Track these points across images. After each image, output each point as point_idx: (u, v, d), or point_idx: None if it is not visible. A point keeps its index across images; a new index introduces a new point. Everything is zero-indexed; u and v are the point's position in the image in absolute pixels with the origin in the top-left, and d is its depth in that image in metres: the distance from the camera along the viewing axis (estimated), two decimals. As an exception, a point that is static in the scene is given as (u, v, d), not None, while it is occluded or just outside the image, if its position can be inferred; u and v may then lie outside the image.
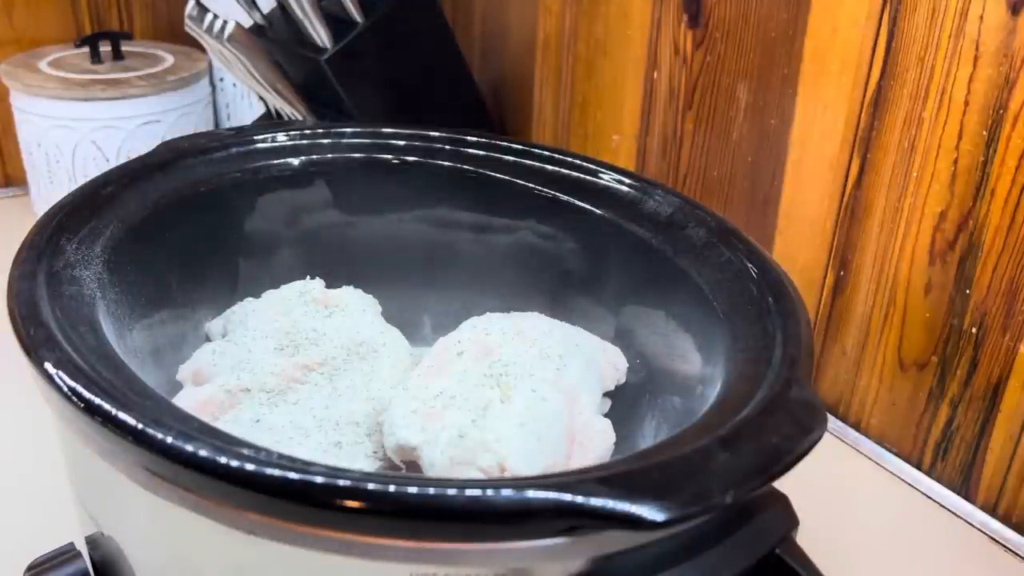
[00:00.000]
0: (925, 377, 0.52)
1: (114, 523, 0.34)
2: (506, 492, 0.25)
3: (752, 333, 0.36)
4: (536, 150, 0.50)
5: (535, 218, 0.49)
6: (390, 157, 0.51)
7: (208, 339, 0.47)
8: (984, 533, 0.49)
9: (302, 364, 0.42)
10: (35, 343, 0.31)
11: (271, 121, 0.70)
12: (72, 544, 0.36)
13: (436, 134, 0.51)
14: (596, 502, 0.25)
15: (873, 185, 0.52)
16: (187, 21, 0.60)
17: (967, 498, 0.51)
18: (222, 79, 0.83)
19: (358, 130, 0.51)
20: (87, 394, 0.28)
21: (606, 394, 0.43)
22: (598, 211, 0.47)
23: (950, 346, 0.50)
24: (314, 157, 0.50)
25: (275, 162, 0.49)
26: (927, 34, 0.47)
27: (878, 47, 0.50)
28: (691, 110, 0.62)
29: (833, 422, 0.57)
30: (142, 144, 0.73)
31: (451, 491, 0.25)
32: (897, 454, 0.54)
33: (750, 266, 0.40)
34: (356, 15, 0.61)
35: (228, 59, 0.60)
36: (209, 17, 0.58)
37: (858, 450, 0.55)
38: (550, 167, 0.49)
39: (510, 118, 0.81)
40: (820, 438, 0.29)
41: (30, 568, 0.35)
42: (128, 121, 0.73)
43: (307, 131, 0.50)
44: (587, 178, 0.48)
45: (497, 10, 0.80)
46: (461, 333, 0.43)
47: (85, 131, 0.73)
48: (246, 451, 0.26)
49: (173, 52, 0.81)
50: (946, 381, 0.50)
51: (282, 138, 0.50)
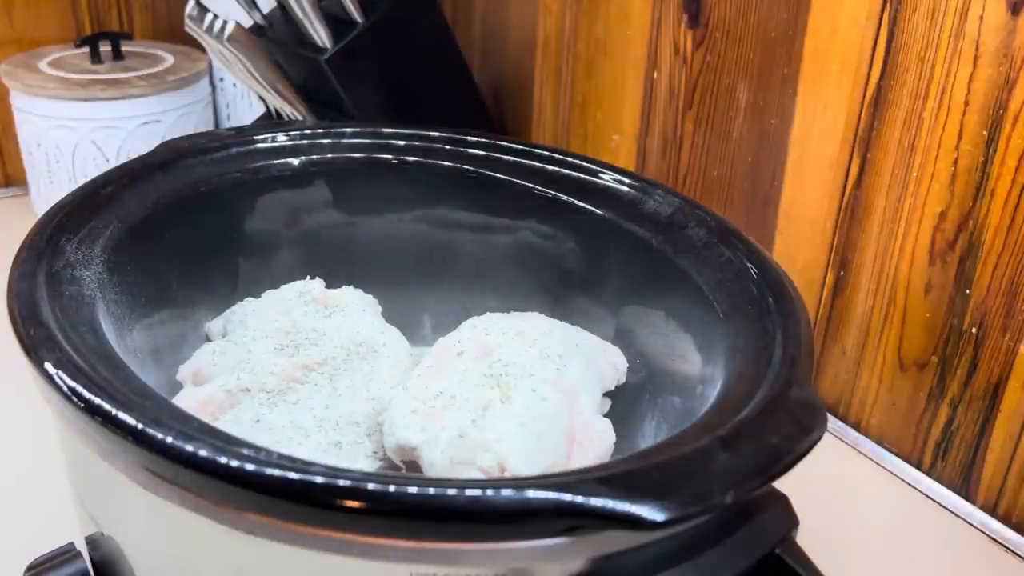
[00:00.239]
0: (925, 377, 0.52)
1: (114, 523, 0.34)
2: (506, 492, 0.25)
3: (752, 333, 0.36)
4: (536, 150, 0.50)
5: (535, 218, 0.49)
6: (390, 157, 0.51)
7: (208, 339, 0.47)
8: (984, 533, 0.49)
9: (302, 364, 0.42)
10: (35, 343, 0.31)
11: (271, 121, 0.70)
12: (72, 544, 0.36)
13: (436, 134, 0.51)
14: (596, 502, 0.25)
15: (873, 185, 0.52)
16: (187, 21, 0.60)
17: (967, 498, 0.51)
18: (222, 79, 0.83)
19: (358, 130, 0.51)
20: (87, 394, 0.28)
21: (606, 394, 0.43)
22: (598, 211, 0.47)
23: (950, 346, 0.50)
24: (314, 157, 0.50)
25: (275, 162, 0.49)
26: (927, 34, 0.47)
27: (878, 47, 0.50)
28: (691, 110, 0.62)
29: (833, 422, 0.57)
30: (142, 144, 0.73)
31: (451, 491, 0.25)
32: (897, 454, 0.54)
33: (750, 266, 0.40)
34: (356, 15, 0.61)
35: (228, 59, 0.60)
36: (209, 17, 0.58)
37: (858, 450, 0.55)
38: (550, 167, 0.49)
39: (510, 118, 0.81)
40: (820, 438, 0.29)
41: (30, 568, 0.35)
42: (128, 121, 0.73)
43: (307, 131, 0.50)
44: (587, 178, 0.48)
45: (497, 10, 0.80)
46: (461, 333, 0.43)
47: (85, 131, 0.73)
48: (246, 451, 0.26)
49: (173, 52, 0.81)
50: (946, 381, 0.50)
51: (282, 138, 0.50)
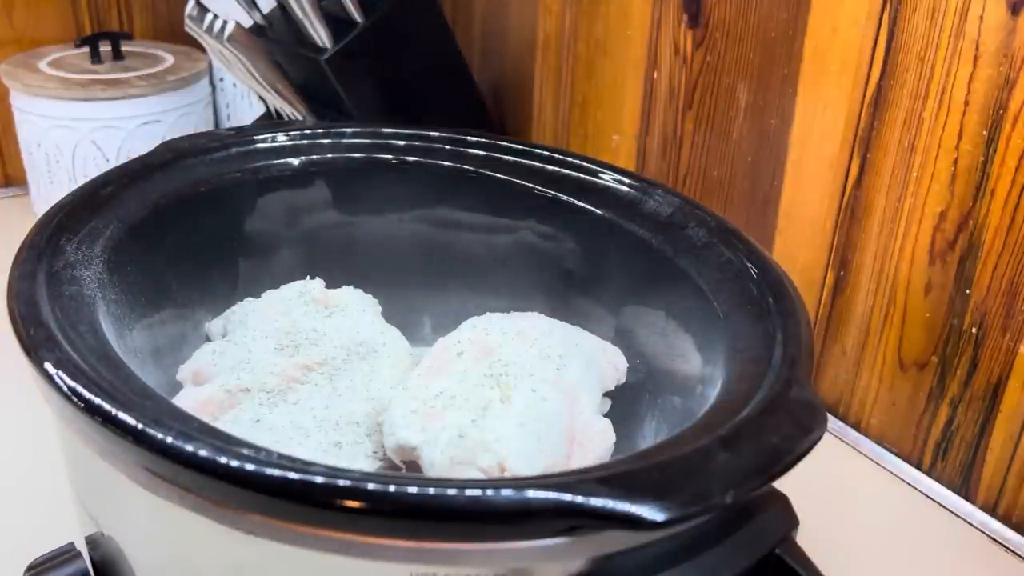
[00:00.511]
0: (925, 377, 0.52)
1: (114, 523, 0.34)
2: (506, 492, 0.25)
3: (752, 333, 0.36)
4: (536, 150, 0.50)
5: (535, 218, 0.49)
6: (390, 157, 0.51)
7: (208, 339, 0.47)
8: (984, 533, 0.49)
9: (302, 364, 0.42)
10: (35, 343, 0.31)
11: (271, 121, 0.70)
12: (72, 544, 0.36)
13: (436, 134, 0.51)
14: (596, 502, 0.25)
15: (873, 185, 0.52)
16: (187, 21, 0.60)
17: (967, 498, 0.51)
18: (222, 79, 0.83)
19: (358, 130, 0.51)
20: (87, 394, 0.28)
21: (606, 394, 0.43)
22: (598, 211, 0.47)
23: (950, 346, 0.50)
24: (314, 157, 0.50)
25: (275, 162, 0.49)
26: (927, 34, 0.47)
27: (878, 47, 0.50)
28: (691, 110, 0.62)
29: (833, 422, 0.57)
30: (142, 144, 0.73)
31: (451, 491, 0.25)
32: (897, 454, 0.54)
33: (750, 266, 0.40)
34: (356, 15, 0.61)
35: (228, 59, 0.60)
36: (209, 17, 0.58)
37: (858, 450, 0.55)
38: (550, 167, 0.49)
39: (510, 118, 0.81)
40: (820, 438, 0.29)
41: (30, 568, 0.35)
42: (128, 121, 0.73)
43: (307, 131, 0.50)
44: (587, 178, 0.48)
45: (497, 10, 0.80)
46: (461, 333, 0.43)
47: (85, 131, 0.73)
48: (246, 451, 0.26)
49: (173, 52, 0.81)
50: (946, 381, 0.50)
51: (282, 138, 0.50)
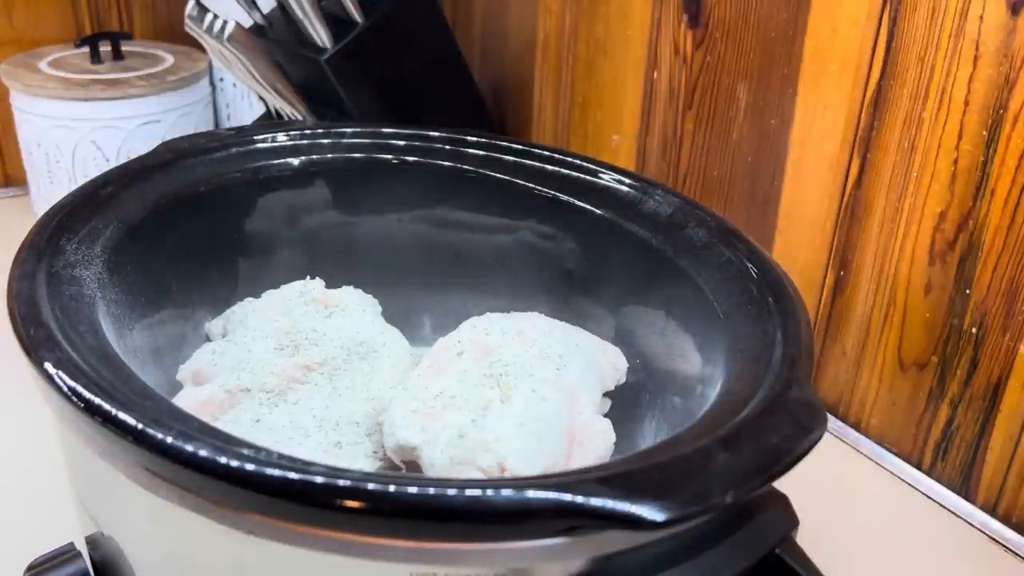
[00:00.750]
0: (925, 377, 0.52)
1: (114, 523, 0.34)
2: (506, 492, 0.25)
3: (752, 333, 0.36)
4: (536, 150, 0.50)
5: (535, 218, 0.49)
6: (390, 157, 0.51)
7: (208, 339, 0.47)
8: (984, 533, 0.49)
9: (302, 364, 0.42)
10: (35, 343, 0.31)
11: (271, 121, 0.70)
12: (72, 544, 0.36)
13: (436, 134, 0.51)
14: (596, 502, 0.25)
15: (873, 185, 0.52)
16: (187, 21, 0.60)
17: (967, 498, 0.51)
18: (222, 79, 0.83)
19: (358, 130, 0.51)
20: (87, 394, 0.28)
21: (606, 394, 0.43)
22: (598, 211, 0.47)
23: (950, 346, 0.50)
24: (314, 157, 0.50)
25: (275, 162, 0.49)
26: (927, 34, 0.47)
27: (878, 47, 0.50)
28: (691, 110, 0.62)
29: (833, 422, 0.57)
30: (142, 144, 0.73)
31: (451, 491, 0.25)
32: (897, 454, 0.54)
33: (750, 266, 0.40)
34: (356, 15, 0.61)
35: (228, 59, 0.60)
36: (209, 17, 0.58)
37: (858, 450, 0.55)
38: (550, 167, 0.49)
39: (510, 118, 0.81)
40: (820, 438, 0.29)
41: (30, 568, 0.35)
42: (128, 121, 0.73)
43: (307, 131, 0.50)
44: (587, 178, 0.48)
45: (497, 10, 0.80)
46: (461, 333, 0.43)
47: (85, 131, 0.73)
48: (246, 451, 0.26)
49: (173, 52, 0.81)
50: (946, 381, 0.50)
51: (282, 138, 0.50)
